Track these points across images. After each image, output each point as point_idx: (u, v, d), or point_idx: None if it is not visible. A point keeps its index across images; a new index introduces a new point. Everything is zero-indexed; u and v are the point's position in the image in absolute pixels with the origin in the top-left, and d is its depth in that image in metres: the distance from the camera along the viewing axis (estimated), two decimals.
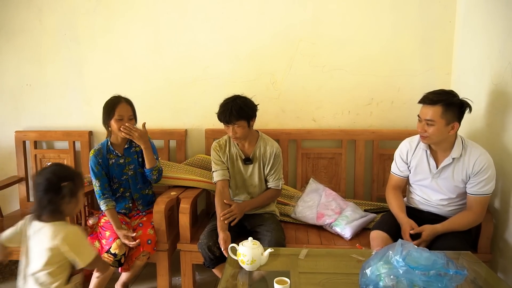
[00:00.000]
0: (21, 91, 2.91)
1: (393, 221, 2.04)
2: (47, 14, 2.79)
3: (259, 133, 2.31)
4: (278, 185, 2.28)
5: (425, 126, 1.89)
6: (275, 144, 2.27)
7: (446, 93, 1.89)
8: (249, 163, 2.26)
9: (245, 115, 2.11)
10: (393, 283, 1.31)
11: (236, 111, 2.08)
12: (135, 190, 2.30)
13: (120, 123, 2.13)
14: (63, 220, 1.50)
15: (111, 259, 2.02)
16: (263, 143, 2.26)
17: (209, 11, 2.69)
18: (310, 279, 1.60)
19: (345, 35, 2.63)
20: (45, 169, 1.52)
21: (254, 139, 2.26)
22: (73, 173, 1.53)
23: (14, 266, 2.75)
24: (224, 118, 2.11)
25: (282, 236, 2.11)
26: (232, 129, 2.12)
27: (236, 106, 2.09)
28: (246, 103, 2.14)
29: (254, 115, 2.17)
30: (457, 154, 1.91)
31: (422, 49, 2.59)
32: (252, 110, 2.16)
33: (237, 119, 2.09)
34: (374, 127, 2.71)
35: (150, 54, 2.78)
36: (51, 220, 1.47)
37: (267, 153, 2.24)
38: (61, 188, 1.45)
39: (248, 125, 2.15)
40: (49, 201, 1.44)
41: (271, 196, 2.31)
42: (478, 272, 1.61)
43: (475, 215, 1.92)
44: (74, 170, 1.60)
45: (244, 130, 2.13)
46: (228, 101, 2.13)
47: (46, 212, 1.46)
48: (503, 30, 2.04)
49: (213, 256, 2.05)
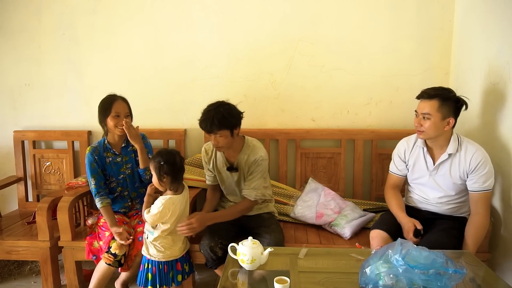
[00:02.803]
0: (20, 91, 2.90)
1: (392, 220, 2.05)
2: (46, 14, 2.79)
3: (245, 140, 2.18)
4: (251, 195, 2.11)
5: (421, 121, 1.92)
6: (260, 152, 2.12)
7: (443, 88, 1.93)
8: (234, 171, 2.17)
9: (228, 124, 1.98)
10: (393, 282, 1.32)
11: (218, 120, 1.95)
12: (133, 189, 2.29)
13: (116, 120, 2.13)
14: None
15: (111, 259, 2.02)
16: (248, 150, 2.14)
17: (208, 11, 2.69)
18: (309, 278, 1.61)
19: (344, 35, 2.64)
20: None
21: (239, 147, 2.14)
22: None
23: (12, 266, 2.74)
24: (205, 127, 1.99)
25: (281, 238, 2.11)
26: (214, 138, 2.01)
27: (219, 114, 1.95)
28: (230, 111, 2.00)
29: (238, 124, 2.04)
30: (453, 150, 1.93)
31: (420, 49, 2.60)
32: (235, 118, 2.02)
33: (219, 128, 1.96)
34: (373, 126, 2.71)
35: (149, 54, 2.78)
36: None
37: (250, 161, 2.12)
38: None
39: (232, 134, 2.02)
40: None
41: (241, 210, 2.13)
42: (477, 271, 1.62)
43: (483, 217, 1.90)
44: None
45: (227, 139, 2.02)
46: (211, 109, 1.99)
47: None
48: (502, 30, 2.05)
49: (215, 256, 2.05)
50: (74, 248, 2.25)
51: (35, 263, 2.75)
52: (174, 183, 1.95)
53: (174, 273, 2.01)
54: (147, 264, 2.00)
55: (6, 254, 2.34)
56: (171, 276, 2.00)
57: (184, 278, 2.05)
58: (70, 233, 2.22)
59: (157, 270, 1.98)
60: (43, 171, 2.88)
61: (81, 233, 2.35)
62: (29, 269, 2.72)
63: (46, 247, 2.28)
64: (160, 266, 1.98)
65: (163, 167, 1.91)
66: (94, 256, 2.13)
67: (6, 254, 2.34)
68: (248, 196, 2.12)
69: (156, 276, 1.97)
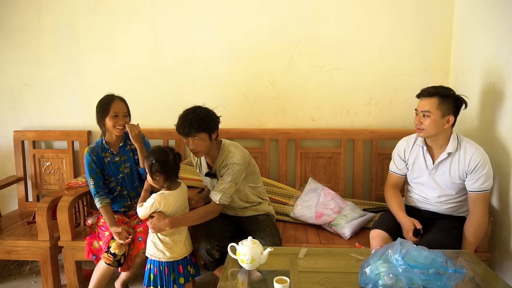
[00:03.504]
0: (20, 91, 2.91)
1: (392, 220, 2.05)
2: (46, 14, 2.79)
3: (221, 145, 2.13)
4: (216, 198, 2.02)
5: (421, 118, 1.93)
6: (234, 157, 2.05)
7: (442, 87, 1.95)
8: (212, 177, 2.15)
9: (207, 127, 1.97)
10: (392, 282, 1.32)
11: (197, 122, 1.94)
12: (132, 188, 2.29)
13: (115, 120, 2.13)
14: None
15: (111, 259, 2.02)
16: (223, 156, 2.09)
17: (208, 11, 2.69)
18: (309, 278, 1.61)
19: (343, 35, 2.64)
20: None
21: (215, 152, 2.11)
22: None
23: (12, 266, 2.74)
24: (183, 131, 1.96)
25: (276, 242, 2.08)
26: (192, 142, 1.98)
27: (197, 117, 1.95)
28: (208, 114, 2.00)
29: (216, 127, 2.03)
30: (452, 149, 1.93)
31: (420, 49, 2.60)
32: (214, 122, 2.02)
33: (197, 131, 1.95)
34: (373, 126, 2.72)
35: (149, 54, 2.78)
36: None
37: (222, 166, 2.07)
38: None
39: (210, 138, 2.00)
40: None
41: (205, 212, 2.03)
42: (477, 270, 1.62)
43: (482, 217, 1.91)
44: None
45: (205, 143, 2.00)
46: (188, 112, 1.99)
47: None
48: (501, 30, 2.05)
49: (212, 259, 2.05)
50: (74, 248, 2.25)
51: (35, 263, 2.75)
52: (167, 181, 1.95)
53: (176, 275, 2.00)
54: (149, 264, 2.00)
55: (6, 254, 2.34)
56: (173, 279, 1.99)
57: (187, 280, 2.05)
58: (70, 233, 2.22)
59: (158, 271, 1.97)
60: (43, 171, 2.89)
61: (81, 233, 2.35)
62: (29, 269, 2.72)
63: (46, 247, 2.28)
64: (161, 268, 1.98)
65: (155, 165, 1.91)
66: (94, 256, 2.13)
67: (6, 254, 2.34)
68: (213, 198, 2.04)
69: (157, 277, 1.97)
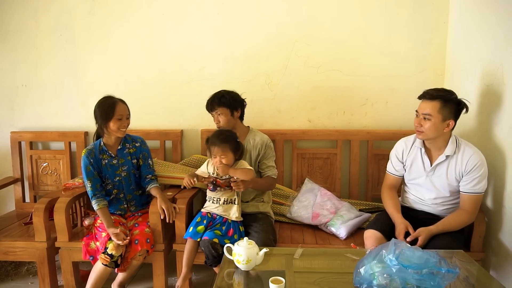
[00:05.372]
0: (17, 92, 2.90)
1: (387, 220, 2.06)
2: (43, 15, 2.79)
3: (249, 128, 2.39)
4: (275, 173, 2.32)
5: (421, 121, 1.93)
6: (265, 136, 2.36)
7: (445, 90, 1.94)
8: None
9: (227, 102, 2.23)
10: (387, 282, 1.33)
11: (218, 98, 2.24)
12: (128, 191, 2.30)
13: (120, 123, 2.14)
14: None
15: (108, 260, 2.02)
16: (253, 136, 2.34)
17: (204, 12, 2.70)
18: (305, 279, 1.62)
19: (340, 36, 2.65)
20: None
21: (243, 133, 2.34)
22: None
23: (9, 267, 2.74)
24: (208, 106, 2.29)
25: (270, 238, 2.10)
26: (216, 117, 2.28)
27: (219, 94, 2.26)
28: (231, 93, 2.28)
29: (238, 106, 2.28)
30: (450, 152, 1.94)
31: (416, 50, 2.62)
32: (235, 101, 2.27)
33: (218, 105, 2.23)
34: (369, 127, 2.73)
35: (146, 55, 2.79)
36: None
37: (258, 145, 2.31)
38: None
39: (232, 114, 2.25)
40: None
41: (270, 183, 2.33)
42: (471, 270, 1.63)
43: (468, 214, 1.94)
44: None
45: (227, 118, 2.25)
46: (216, 93, 2.29)
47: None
48: (495, 32, 2.06)
49: (216, 253, 2.04)
50: (71, 249, 2.25)
51: (32, 264, 2.75)
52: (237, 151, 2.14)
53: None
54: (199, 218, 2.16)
55: (3, 255, 2.34)
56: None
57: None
58: (67, 234, 2.23)
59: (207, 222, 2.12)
60: (40, 172, 2.89)
61: (78, 234, 2.35)
62: (26, 270, 2.72)
63: (43, 248, 2.28)
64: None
65: (207, 141, 2.15)
66: (91, 256, 2.14)
67: (3, 255, 2.34)
68: (273, 175, 2.30)
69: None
